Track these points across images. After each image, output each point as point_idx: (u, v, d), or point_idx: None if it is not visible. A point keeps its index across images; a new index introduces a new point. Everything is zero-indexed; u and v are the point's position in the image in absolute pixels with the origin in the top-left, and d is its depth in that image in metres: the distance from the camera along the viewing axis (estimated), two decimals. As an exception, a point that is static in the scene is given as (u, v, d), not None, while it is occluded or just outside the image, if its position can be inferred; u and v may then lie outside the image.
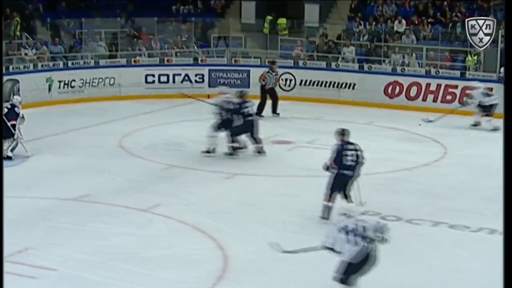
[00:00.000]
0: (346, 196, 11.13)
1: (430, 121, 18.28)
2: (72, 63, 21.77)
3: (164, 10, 25.37)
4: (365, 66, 21.65)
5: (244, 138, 15.38)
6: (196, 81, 22.45)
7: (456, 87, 20.20)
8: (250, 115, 15.19)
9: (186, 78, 22.45)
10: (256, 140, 15.28)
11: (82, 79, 21.45)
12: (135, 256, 9.93)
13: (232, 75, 22.53)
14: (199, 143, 15.75)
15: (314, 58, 22.69)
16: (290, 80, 22.06)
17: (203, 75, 22.53)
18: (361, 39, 22.92)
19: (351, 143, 11.15)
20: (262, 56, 23.12)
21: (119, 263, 9.66)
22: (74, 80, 21.23)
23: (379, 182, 13.28)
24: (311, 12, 24.50)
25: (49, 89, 20.84)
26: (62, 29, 23.18)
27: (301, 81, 22.05)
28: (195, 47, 23.74)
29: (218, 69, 22.68)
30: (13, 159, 14.58)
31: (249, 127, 15.14)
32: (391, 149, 16.03)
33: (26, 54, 21.40)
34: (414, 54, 21.67)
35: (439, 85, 20.54)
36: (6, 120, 14.60)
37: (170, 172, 14.18)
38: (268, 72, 19.95)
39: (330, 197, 11.10)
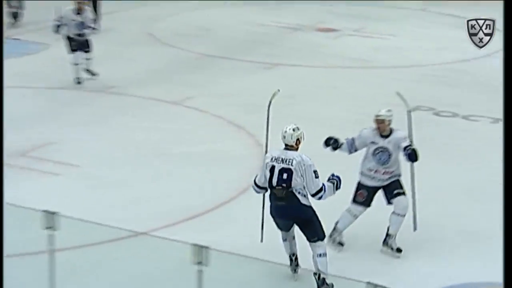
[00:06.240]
0: None
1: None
2: None
3: None
4: None
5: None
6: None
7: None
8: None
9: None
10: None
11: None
12: (165, 152, 10.05)
13: None
14: (233, 30, 16.26)
15: None
16: None
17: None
18: None
19: None
20: None
21: (146, 159, 9.83)
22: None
23: (434, 74, 13.17)
24: None
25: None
26: None
27: None
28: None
29: None
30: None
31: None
32: (447, 37, 15.58)
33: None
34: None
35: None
36: None
37: (202, 62, 14.29)
38: None
39: None
